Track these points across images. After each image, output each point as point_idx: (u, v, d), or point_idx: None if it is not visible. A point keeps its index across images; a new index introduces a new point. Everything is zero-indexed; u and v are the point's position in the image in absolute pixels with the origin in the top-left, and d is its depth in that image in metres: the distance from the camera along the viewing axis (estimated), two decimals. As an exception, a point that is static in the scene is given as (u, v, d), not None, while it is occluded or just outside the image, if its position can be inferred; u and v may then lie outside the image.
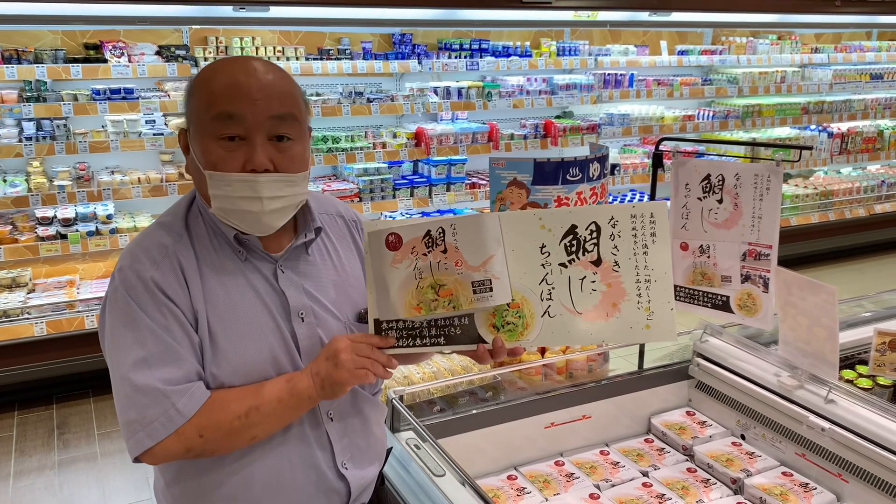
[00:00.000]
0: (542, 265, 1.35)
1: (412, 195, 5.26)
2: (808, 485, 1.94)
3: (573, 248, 1.35)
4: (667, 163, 2.35)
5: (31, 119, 4.32)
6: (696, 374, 2.34)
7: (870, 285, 5.94)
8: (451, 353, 1.51)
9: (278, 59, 4.85)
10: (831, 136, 6.96)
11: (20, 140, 4.25)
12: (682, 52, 6.50)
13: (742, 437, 2.19)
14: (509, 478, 2.00)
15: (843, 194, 6.79)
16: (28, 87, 4.32)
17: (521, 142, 5.59)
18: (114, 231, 4.43)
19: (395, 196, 5.19)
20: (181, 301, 1.35)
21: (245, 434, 1.35)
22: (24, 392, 4.29)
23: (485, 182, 5.45)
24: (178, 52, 4.67)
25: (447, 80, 5.57)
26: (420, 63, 5.27)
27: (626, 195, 6.23)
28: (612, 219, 1.34)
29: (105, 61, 4.46)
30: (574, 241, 1.35)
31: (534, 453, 2.13)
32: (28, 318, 4.18)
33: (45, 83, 4.36)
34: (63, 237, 4.34)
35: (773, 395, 2.06)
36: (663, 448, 2.18)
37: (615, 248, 1.35)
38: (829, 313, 1.88)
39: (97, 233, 4.40)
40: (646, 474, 2.04)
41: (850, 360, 2.34)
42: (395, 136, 5.27)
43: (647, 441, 2.23)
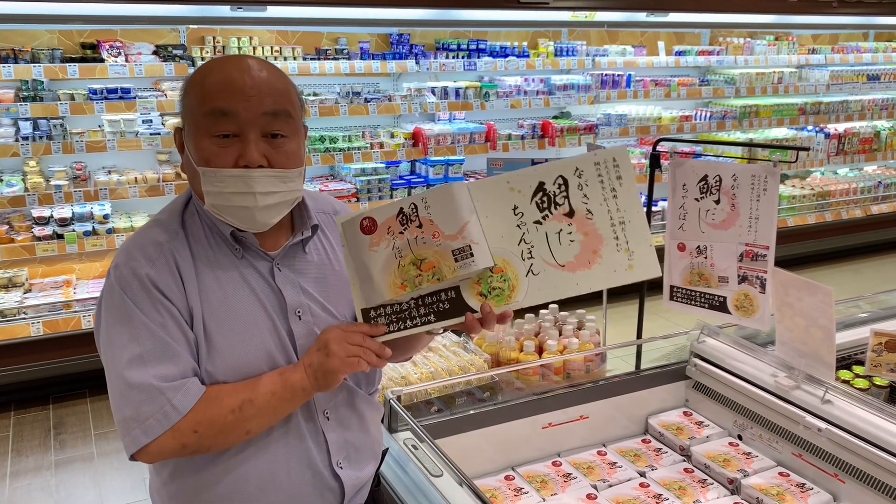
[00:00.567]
0: (518, 226, 1.37)
1: (409, 195, 5.25)
2: (804, 485, 1.95)
3: (544, 205, 1.37)
4: (664, 163, 2.36)
5: (27, 118, 4.31)
6: (694, 374, 2.34)
7: (867, 286, 5.95)
8: (442, 332, 1.50)
9: (276, 58, 4.84)
10: (828, 136, 6.97)
11: (17, 140, 4.24)
12: (680, 53, 6.51)
13: (739, 438, 2.19)
14: (507, 478, 2.00)
15: (839, 195, 6.80)
16: (25, 87, 4.32)
17: (518, 142, 5.59)
18: (110, 231, 4.42)
19: (392, 196, 5.19)
20: (177, 298, 1.35)
21: (240, 428, 1.34)
22: (21, 392, 4.28)
23: (482, 182, 5.45)
24: (175, 51, 4.66)
25: (445, 81, 5.57)
26: (417, 63, 5.27)
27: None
28: (577, 170, 1.36)
29: (102, 61, 4.45)
30: (544, 198, 1.37)
31: (531, 453, 2.13)
32: (24, 318, 4.17)
33: (42, 82, 4.35)
34: (60, 237, 4.33)
35: (770, 395, 2.07)
36: (660, 448, 2.18)
37: (585, 196, 1.37)
38: (825, 314, 1.89)
39: (94, 233, 4.40)
40: (643, 475, 2.04)
41: (847, 361, 2.34)
42: (392, 136, 5.27)
43: (644, 441, 2.23)
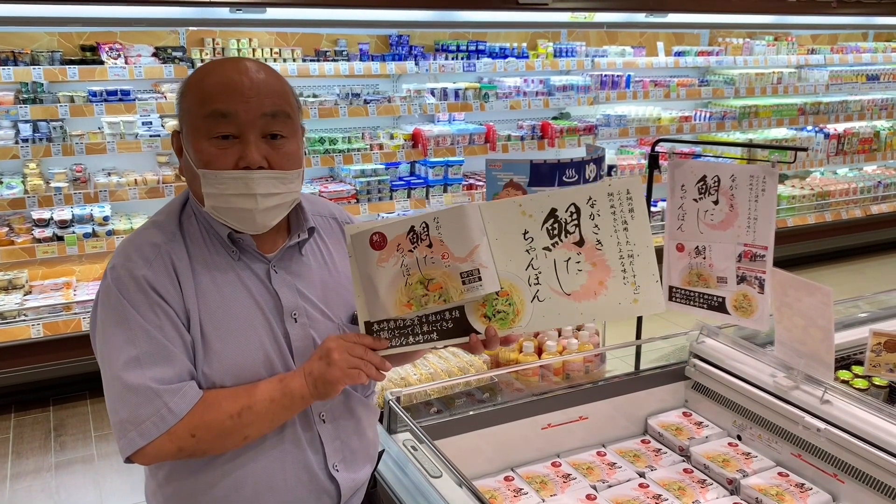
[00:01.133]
0: (527, 251, 1.37)
1: (409, 196, 5.26)
2: (803, 485, 1.95)
3: (555, 232, 1.37)
4: (663, 164, 2.36)
5: (27, 121, 4.31)
6: (693, 374, 2.34)
7: (866, 286, 5.95)
8: (444, 348, 1.51)
9: (275, 60, 4.85)
10: (828, 136, 6.98)
11: (16, 142, 4.25)
12: (679, 54, 6.51)
13: (738, 438, 2.19)
14: (506, 479, 2.00)
15: (839, 195, 6.81)
16: (24, 89, 4.32)
17: (517, 143, 5.59)
18: (110, 233, 4.43)
19: (392, 197, 5.19)
20: (173, 300, 1.35)
21: (237, 434, 1.34)
22: (21, 394, 4.28)
23: (482, 183, 5.45)
24: (174, 53, 4.66)
25: (444, 82, 5.58)
26: (417, 64, 5.28)
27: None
28: (590, 199, 1.36)
29: (101, 63, 4.46)
30: (555, 225, 1.37)
31: (531, 454, 2.13)
32: (25, 320, 4.18)
33: (42, 85, 4.35)
34: (59, 239, 4.33)
35: (769, 395, 2.07)
36: (660, 449, 2.19)
37: (596, 227, 1.37)
38: (824, 314, 1.89)
39: (94, 234, 4.40)
40: (642, 475, 2.04)
41: (846, 361, 2.34)
42: (392, 137, 5.27)
43: (643, 442, 2.23)
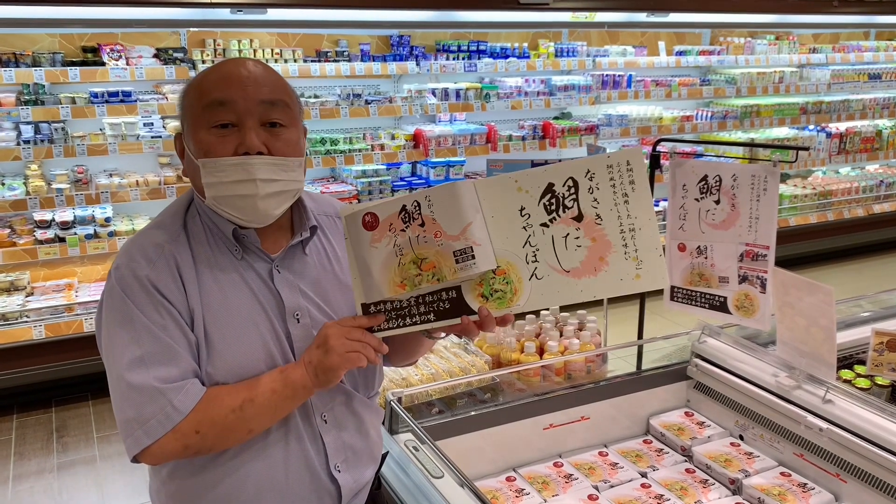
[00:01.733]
0: (524, 228, 1.33)
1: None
2: (806, 485, 1.94)
3: (552, 207, 1.33)
4: (664, 163, 2.36)
5: (28, 122, 4.32)
6: (695, 374, 2.34)
7: (868, 285, 5.94)
8: (444, 336, 1.48)
9: (276, 61, 4.85)
10: (829, 136, 6.96)
11: (18, 143, 4.25)
12: (680, 53, 6.50)
13: (740, 438, 2.19)
14: (508, 479, 2.00)
15: (841, 194, 6.79)
16: (26, 91, 4.33)
17: (519, 143, 5.59)
18: (112, 234, 4.43)
19: (394, 197, 5.18)
20: (177, 300, 1.35)
21: (241, 428, 1.35)
22: (23, 395, 4.28)
23: (483, 183, 5.45)
24: (175, 54, 4.67)
25: (445, 82, 5.57)
26: (418, 65, 5.27)
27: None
28: (589, 172, 1.31)
29: (103, 64, 4.46)
30: (553, 200, 1.33)
31: (532, 454, 2.13)
32: (27, 322, 4.18)
33: (43, 86, 4.36)
34: (61, 240, 4.33)
35: (772, 395, 2.07)
36: (662, 449, 2.18)
37: (595, 200, 1.32)
38: (826, 313, 1.88)
39: (95, 236, 4.40)
40: (644, 475, 2.04)
41: (849, 360, 2.34)
42: (393, 137, 5.27)
43: (645, 442, 2.23)
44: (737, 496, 1.96)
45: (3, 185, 4.31)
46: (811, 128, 7.07)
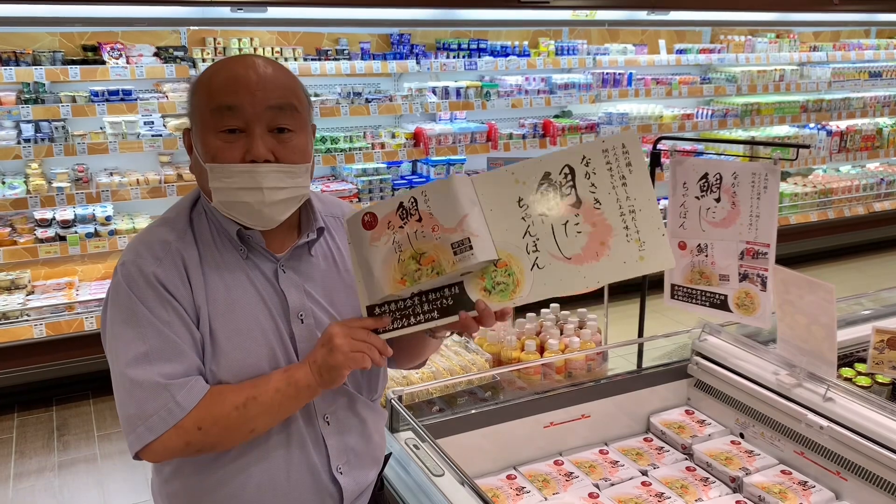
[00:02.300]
0: (523, 218, 1.33)
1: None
2: (806, 483, 1.94)
3: (550, 195, 1.33)
4: (665, 161, 2.36)
5: (29, 121, 4.32)
6: (695, 372, 2.34)
7: (869, 283, 5.94)
8: (449, 335, 1.47)
9: (276, 59, 4.84)
10: (830, 134, 6.96)
11: (18, 142, 4.25)
12: (681, 51, 6.50)
13: (741, 436, 2.19)
14: (508, 477, 2.00)
15: (842, 192, 6.79)
16: (26, 89, 4.33)
17: (519, 141, 5.59)
18: (112, 233, 4.43)
19: (393, 196, 5.18)
20: (183, 297, 1.35)
21: (244, 427, 1.34)
22: (24, 394, 4.29)
23: (484, 182, 5.45)
24: (175, 53, 4.67)
25: (445, 80, 5.57)
26: (418, 63, 5.27)
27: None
28: (584, 158, 1.31)
29: (103, 63, 4.46)
30: (550, 189, 1.33)
31: (533, 453, 2.13)
32: (27, 320, 4.18)
33: (44, 85, 4.36)
34: (62, 239, 4.34)
35: (772, 393, 2.06)
36: (662, 447, 2.18)
37: (592, 185, 1.31)
38: (827, 311, 1.88)
39: (96, 234, 4.41)
40: (645, 473, 2.04)
41: (849, 358, 2.34)
42: (393, 136, 5.27)
43: (646, 440, 2.23)
44: (737, 494, 1.96)
45: (3, 183, 4.31)
46: (812, 126, 7.07)
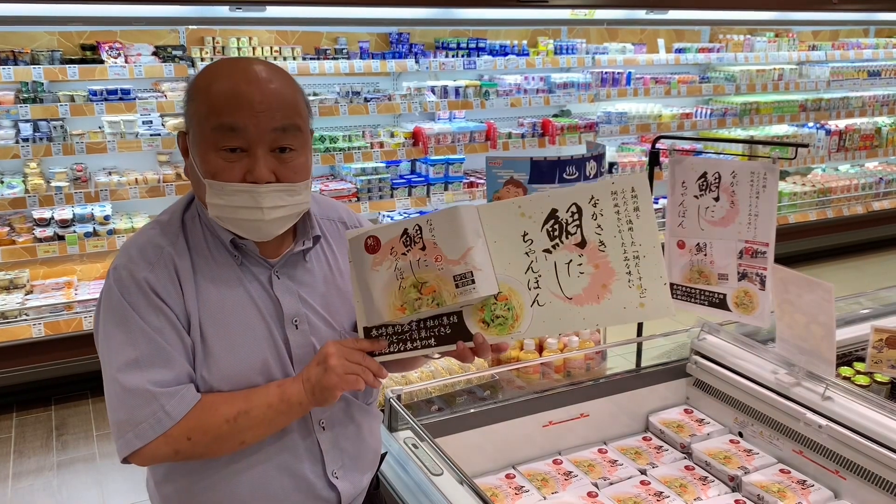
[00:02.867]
0: (526, 253, 1.32)
1: (410, 195, 5.26)
2: (805, 482, 1.94)
3: (556, 233, 1.31)
4: (664, 161, 2.35)
5: (27, 120, 4.31)
6: (694, 371, 2.34)
7: (868, 282, 5.94)
8: (439, 358, 1.48)
9: (275, 59, 4.84)
10: (829, 133, 6.97)
11: (17, 141, 4.25)
12: (680, 51, 6.50)
13: (740, 435, 2.19)
14: (507, 476, 2.00)
15: (840, 191, 6.80)
16: (25, 89, 4.32)
17: (518, 140, 5.59)
18: (111, 232, 4.43)
19: (392, 196, 5.19)
20: (174, 303, 1.34)
21: (234, 439, 1.34)
22: (23, 393, 4.28)
23: (483, 181, 5.45)
24: (174, 52, 4.66)
25: (444, 80, 5.57)
26: (417, 62, 5.27)
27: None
28: (593, 198, 1.30)
29: (102, 62, 4.46)
30: (556, 226, 1.31)
31: (532, 452, 2.13)
32: (26, 320, 4.18)
33: (42, 84, 4.35)
34: (60, 238, 4.33)
35: (771, 392, 2.07)
36: (661, 446, 2.18)
37: (599, 227, 1.30)
38: (825, 310, 1.88)
39: (94, 234, 4.40)
40: (644, 472, 2.04)
41: (848, 357, 2.34)
42: (392, 135, 5.27)
43: (644, 439, 2.23)
44: (736, 493, 1.96)
45: (2, 183, 4.31)
46: (810, 125, 7.07)
